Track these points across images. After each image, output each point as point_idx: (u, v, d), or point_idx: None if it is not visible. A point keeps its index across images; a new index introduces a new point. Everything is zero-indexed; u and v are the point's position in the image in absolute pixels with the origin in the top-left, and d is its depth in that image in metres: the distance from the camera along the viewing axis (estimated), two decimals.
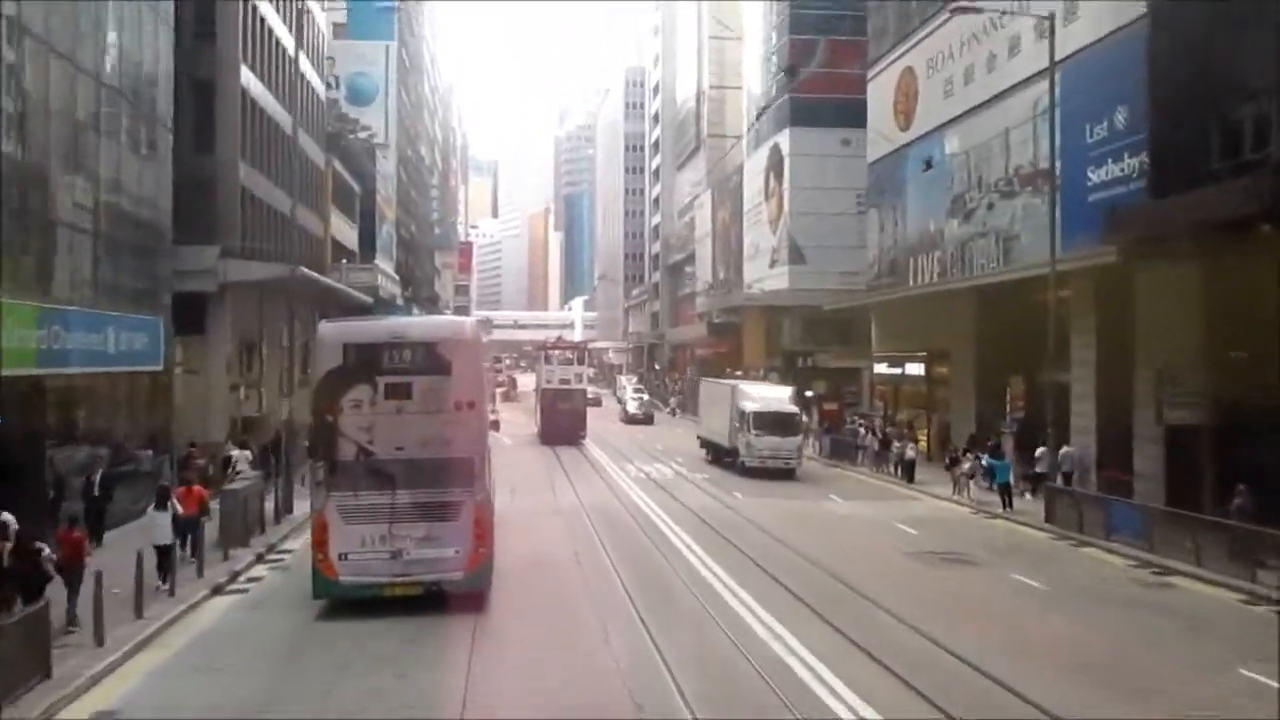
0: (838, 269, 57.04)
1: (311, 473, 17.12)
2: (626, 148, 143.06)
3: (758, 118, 62.55)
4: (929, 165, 37.97)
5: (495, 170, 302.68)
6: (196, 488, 20.32)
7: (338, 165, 49.94)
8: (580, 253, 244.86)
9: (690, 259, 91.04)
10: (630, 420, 60.88)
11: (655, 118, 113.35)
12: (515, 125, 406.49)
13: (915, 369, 41.21)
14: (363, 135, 58.29)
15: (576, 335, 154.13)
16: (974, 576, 19.67)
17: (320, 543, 15.46)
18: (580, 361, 51.87)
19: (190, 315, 30.08)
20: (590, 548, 21.74)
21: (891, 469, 35.47)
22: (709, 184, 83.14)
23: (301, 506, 26.38)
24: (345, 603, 15.61)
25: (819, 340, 56.87)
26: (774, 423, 35.72)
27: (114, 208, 23.23)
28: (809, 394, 48.41)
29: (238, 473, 28.49)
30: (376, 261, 58.17)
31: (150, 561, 16.64)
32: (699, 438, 43.05)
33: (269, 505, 24.50)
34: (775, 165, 60.21)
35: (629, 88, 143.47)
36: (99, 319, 21.48)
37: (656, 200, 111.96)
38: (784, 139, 58.93)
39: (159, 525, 17.92)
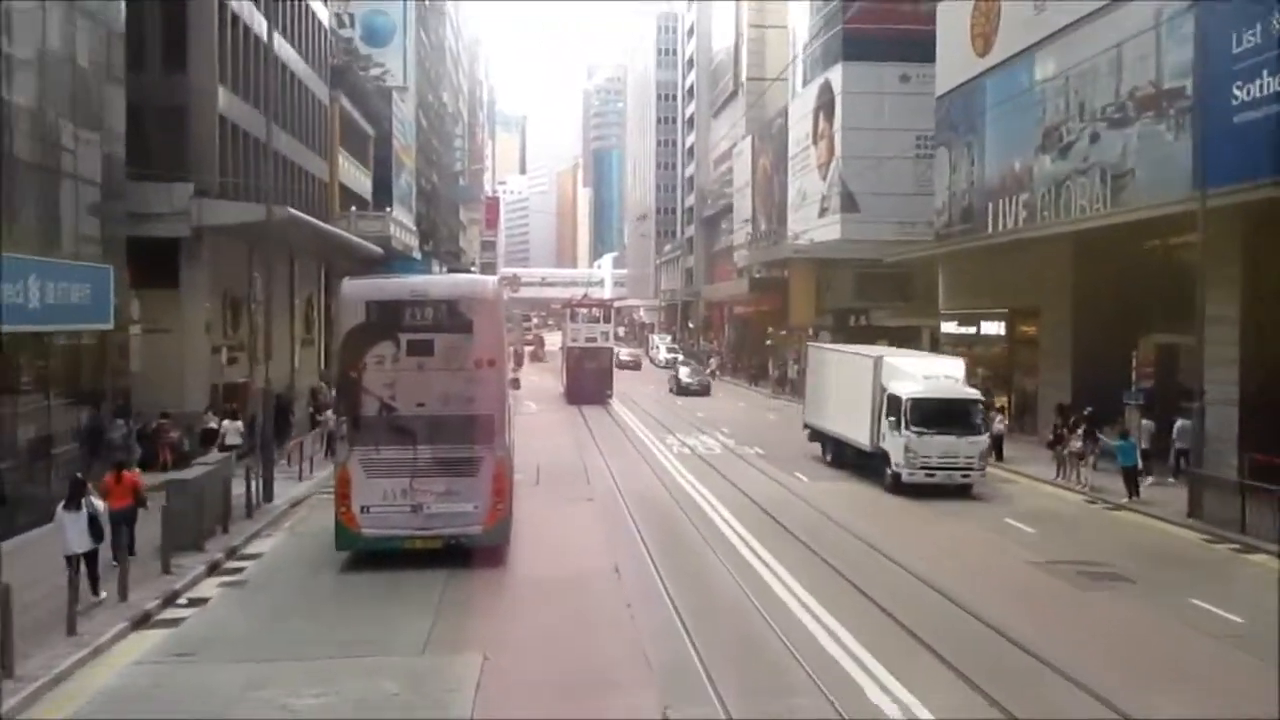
0: (894, 218, 51.98)
1: (335, 427, 17.54)
2: (659, 97, 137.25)
3: (805, 52, 57.20)
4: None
5: (523, 126, 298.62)
6: (128, 473, 16.03)
7: (346, 104, 45.36)
8: (609, 209, 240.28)
9: (727, 211, 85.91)
10: (683, 391, 51.18)
11: (690, 63, 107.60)
12: (543, 80, 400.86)
13: (993, 328, 36.28)
14: (375, 73, 53.55)
15: (606, 293, 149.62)
16: (1139, 604, 14.89)
17: (344, 496, 15.65)
18: (607, 319, 49.84)
19: (159, 265, 25.83)
20: (633, 555, 17.31)
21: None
22: (748, 130, 77.85)
23: (287, 490, 22.31)
24: (367, 555, 15.89)
25: (873, 296, 51.95)
26: (945, 414, 23.48)
27: (42, 126, 18.79)
28: None
29: (230, 447, 24.59)
30: (393, 212, 53.76)
31: (58, 579, 12.45)
32: (807, 426, 30.48)
33: (254, 489, 20.28)
34: (825, 105, 54.91)
35: (661, 34, 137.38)
36: (18, 265, 17.07)
37: (690, 150, 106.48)
38: (835, 75, 53.59)
39: (69, 529, 13.68)
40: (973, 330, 37.93)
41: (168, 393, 25.80)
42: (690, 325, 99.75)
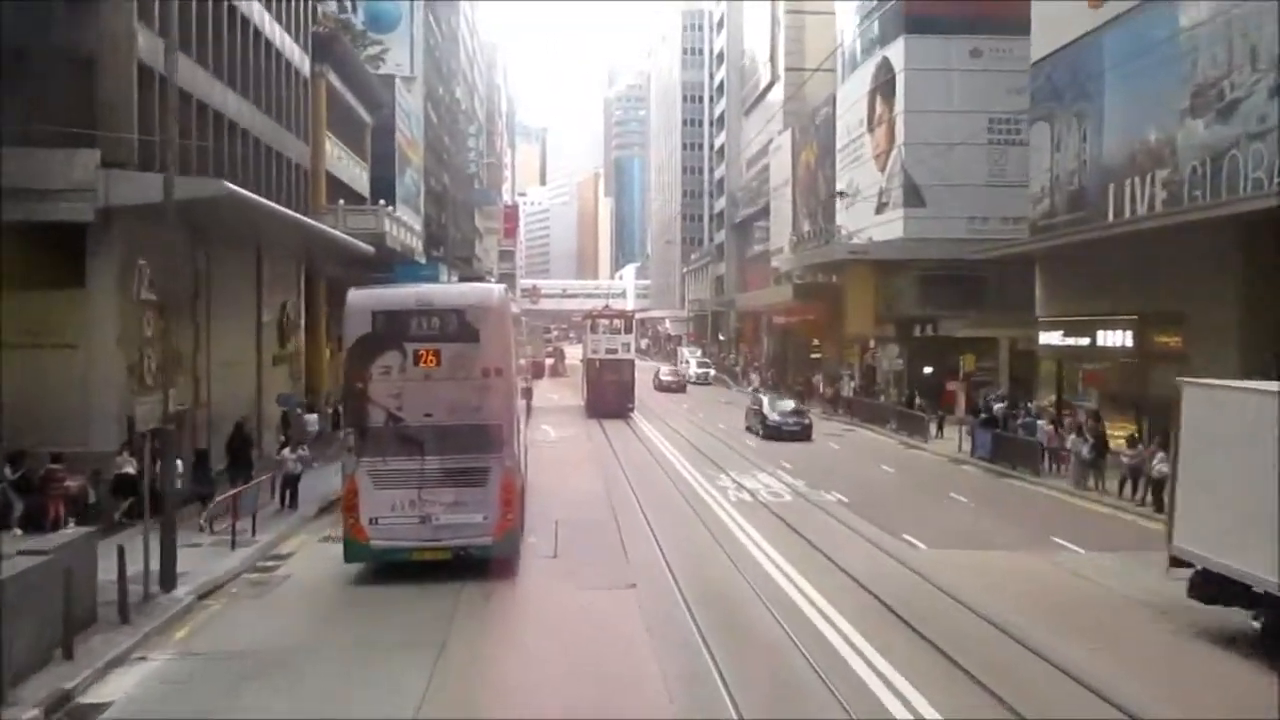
0: (965, 213, 45.41)
1: (343, 439, 17.09)
2: (684, 98, 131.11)
3: (859, 27, 50.73)
4: None
5: (543, 138, 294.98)
6: None
7: (335, 81, 39.11)
8: (631, 219, 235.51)
9: (762, 214, 79.34)
10: (774, 435, 36.47)
11: (719, 58, 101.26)
12: (563, 91, 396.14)
13: (1114, 338, 29.45)
14: (373, 51, 47.46)
15: (629, 304, 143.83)
16: None
17: (351, 507, 15.49)
18: (628, 330, 48.09)
19: (59, 260, 19.59)
20: (710, 703, 10.68)
21: (1120, 488, 23.88)
22: (786, 124, 71.31)
23: (209, 566, 15.94)
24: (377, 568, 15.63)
25: (941, 303, 45.22)
26: None
27: None
28: (963, 374, 36.64)
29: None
30: (396, 211, 47.54)
31: None
32: (1180, 560, 13.91)
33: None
34: (883, 86, 48.31)
35: (687, 32, 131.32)
36: None
37: (720, 151, 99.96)
38: (895, 51, 47.01)
39: None
40: (1084, 341, 31.11)
41: (68, 427, 19.48)
42: (721, 337, 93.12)
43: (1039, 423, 29.51)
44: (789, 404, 39.45)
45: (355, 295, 16.32)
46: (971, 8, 45.56)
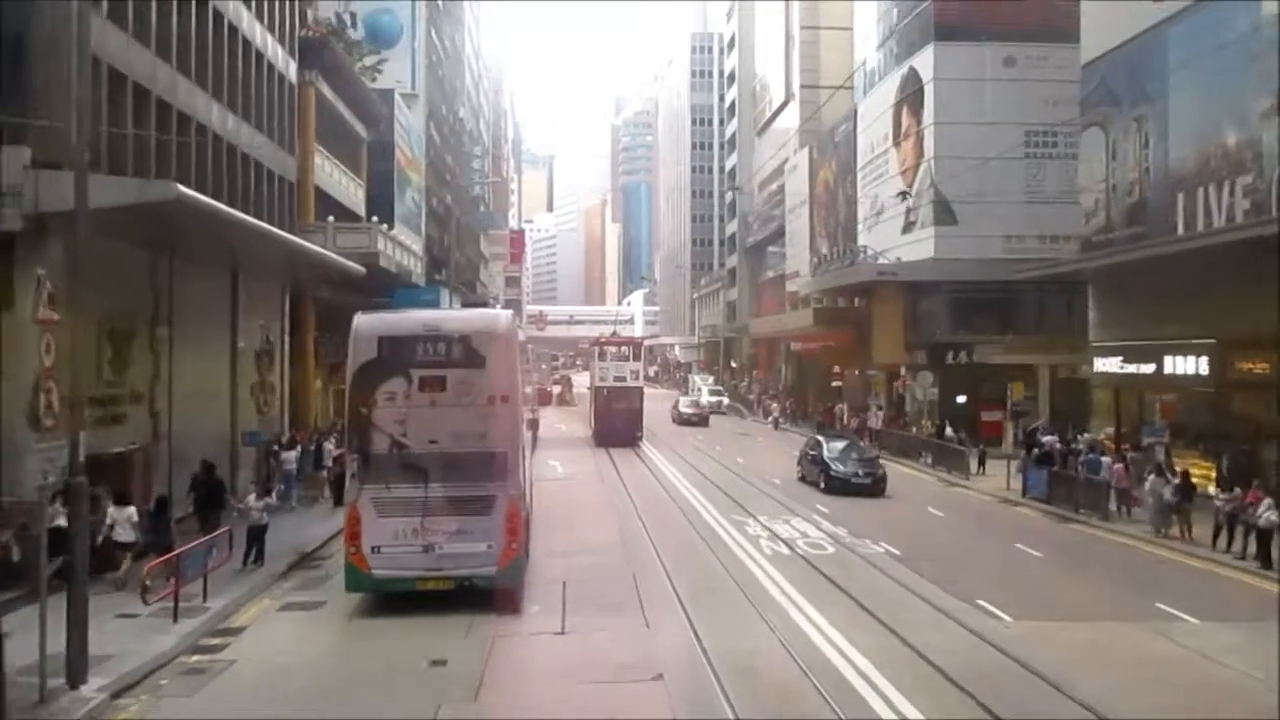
0: (999, 231, 42.55)
1: (346, 465, 17.20)
2: (693, 121, 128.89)
3: (884, 36, 48.07)
4: None
5: (550, 165, 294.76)
6: None
7: (326, 90, 36.43)
8: (639, 245, 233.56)
9: (776, 237, 76.56)
10: (839, 488, 29.39)
11: (730, 78, 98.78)
12: (570, 119, 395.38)
13: (1187, 365, 26.38)
14: (369, 61, 44.91)
15: (637, 331, 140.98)
16: None
17: (353, 536, 15.18)
18: (636, 358, 47.24)
19: None
20: None
21: (1215, 537, 20.73)
22: (802, 143, 68.64)
23: (141, 644, 12.91)
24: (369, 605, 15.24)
25: (975, 327, 42.25)
26: None
27: None
28: (1010, 405, 33.58)
29: (121, 546, 16.87)
30: (395, 231, 44.78)
31: None
32: None
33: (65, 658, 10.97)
34: (911, 97, 45.53)
35: (695, 54, 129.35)
36: None
37: (732, 173, 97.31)
38: (924, 60, 44.25)
39: None
40: (1147, 369, 28.07)
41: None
42: (733, 364, 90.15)
43: (1103, 459, 26.36)
44: (852, 447, 32.28)
45: (361, 320, 16.09)
46: (1005, 14, 42.92)
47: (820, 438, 32.91)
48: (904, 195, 44.73)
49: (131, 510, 17.77)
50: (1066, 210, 40.96)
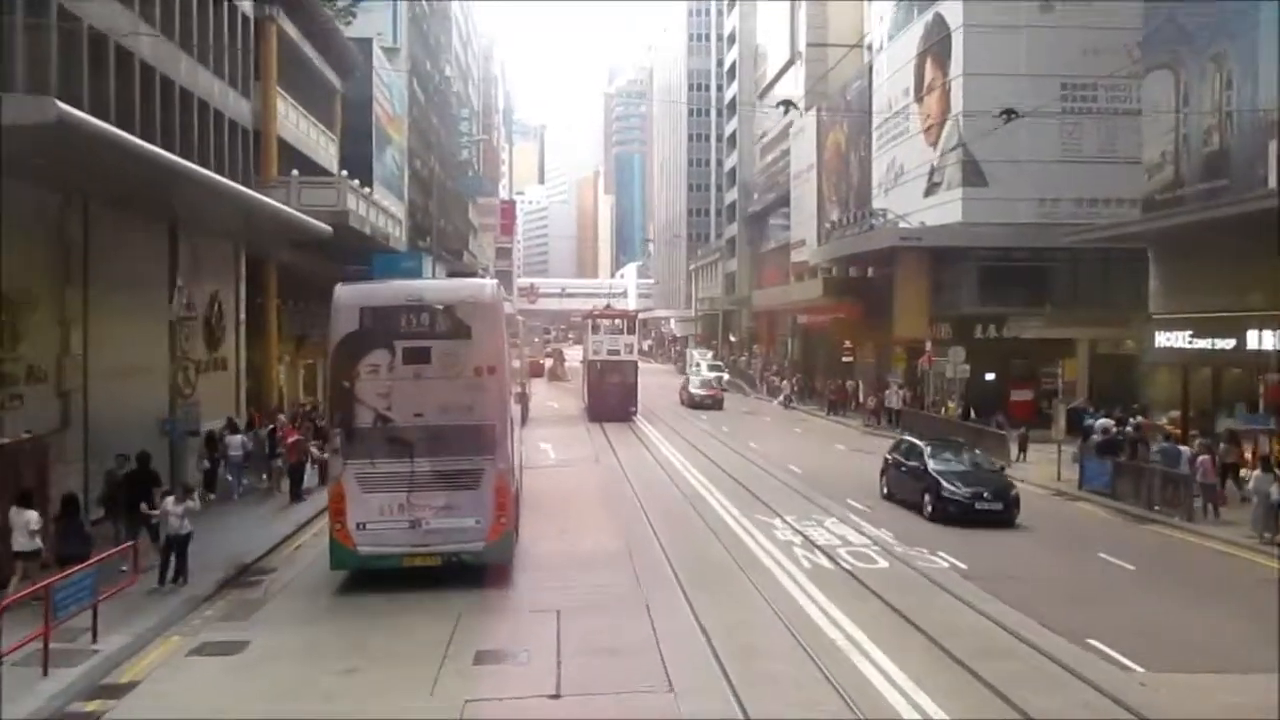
0: (1033, 193, 38.98)
1: (330, 440, 16.20)
2: (690, 87, 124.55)
3: None
4: None
5: (542, 136, 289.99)
6: None
7: (290, 29, 32.50)
8: (632, 218, 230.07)
9: (779, 205, 72.81)
10: (961, 515, 21.11)
11: (730, 38, 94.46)
12: (562, 89, 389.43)
13: (1273, 340, 22.85)
14: (343, 2, 40.96)
15: (630, 304, 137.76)
16: None
17: (338, 512, 14.81)
18: (630, 331, 46.23)
19: None
20: None
21: None
22: (809, 104, 64.69)
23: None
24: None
25: (1004, 299, 38.73)
26: None
27: None
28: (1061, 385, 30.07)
29: (21, 556, 13.64)
30: (373, 193, 40.96)
31: None
32: None
33: None
34: (936, 48, 41.69)
35: (693, 17, 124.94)
36: None
37: (732, 139, 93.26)
38: (952, 7, 40.39)
39: None
40: (1225, 344, 24.52)
41: None
42: (732, 338, 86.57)
43: (1181, 450, 22.84)
44: (965, 456, 23.30)
45: (343, 290, 15.50)
46: None
47: (917, 441, 24.22)
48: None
49: (32, 515, 14.22)
50: (1107, 170, 37.49)
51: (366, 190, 37.48)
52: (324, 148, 37.35)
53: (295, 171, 31.02)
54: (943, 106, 40.98)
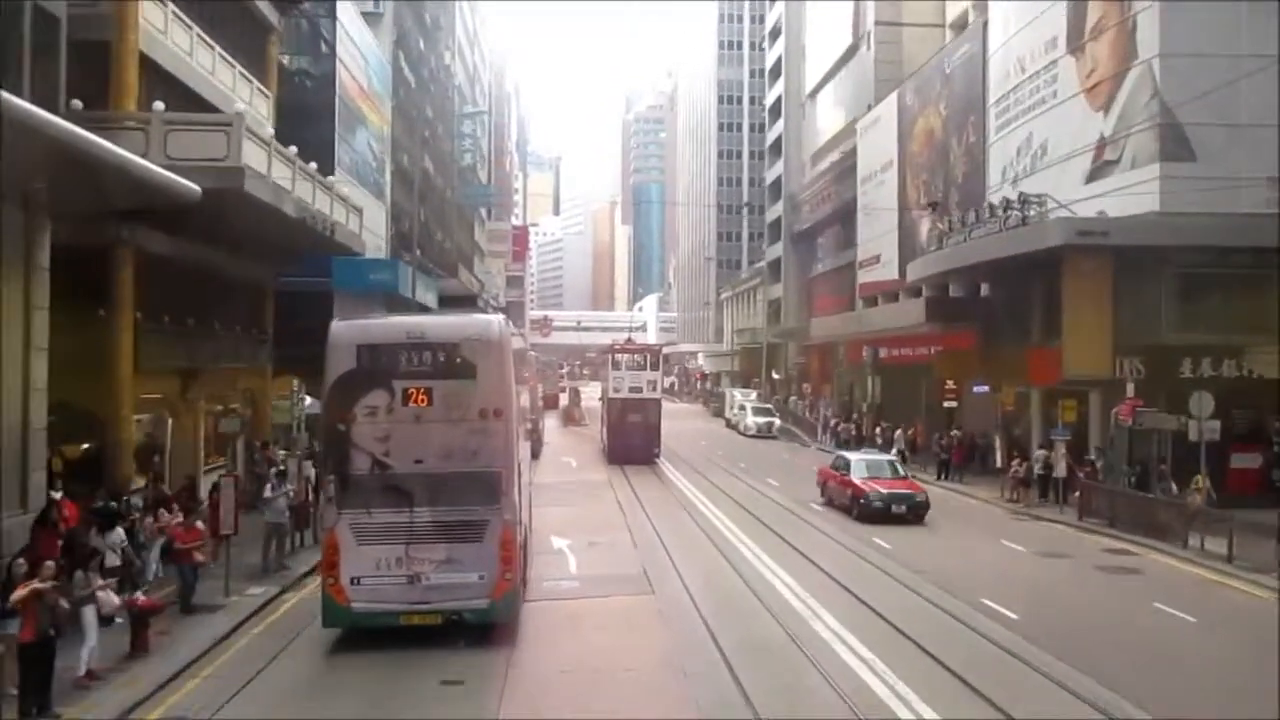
0: (1260, 170, 27.21)
1: (323, 488, 15.61)
2: (720, 99, 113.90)
3: None
4: None
5: (557, 167, 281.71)
6: None
7: None
8: (650, 249, 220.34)
9: (836, 219, 61.24)
10: None
11: (774, 33, 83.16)
12: (578, 121, 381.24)
13: None
14: None
15: (651, 338, 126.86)
16: None
17: (331, 565, 13.84)
18: (654, 367, 42.74)
19: None
20: None
21: None
22: (878, 95, 53.35)
23: None
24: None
25: (1213, 323, 26.95)
26: None
27: None
28: None
29: None
30: (333, 179, 29.54)
31: None
32: None
33: None
34: None
35: (724, 23, 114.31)
36: None
37: (775, 146, 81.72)
38: None
39: None
40: None
41: None
42: (775, 375, 74.58)
43: None
44: None
45: (338, 327, 14.46)
46: None
47: None
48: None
49: None
50: None
51: (336, 179, 25.87)
52: (244, 97, 25.68)
53: (159, 103, 19.36)
54: (1121, 52, 29.27)
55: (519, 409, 16.22)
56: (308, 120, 32.83)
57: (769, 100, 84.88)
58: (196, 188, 16.33)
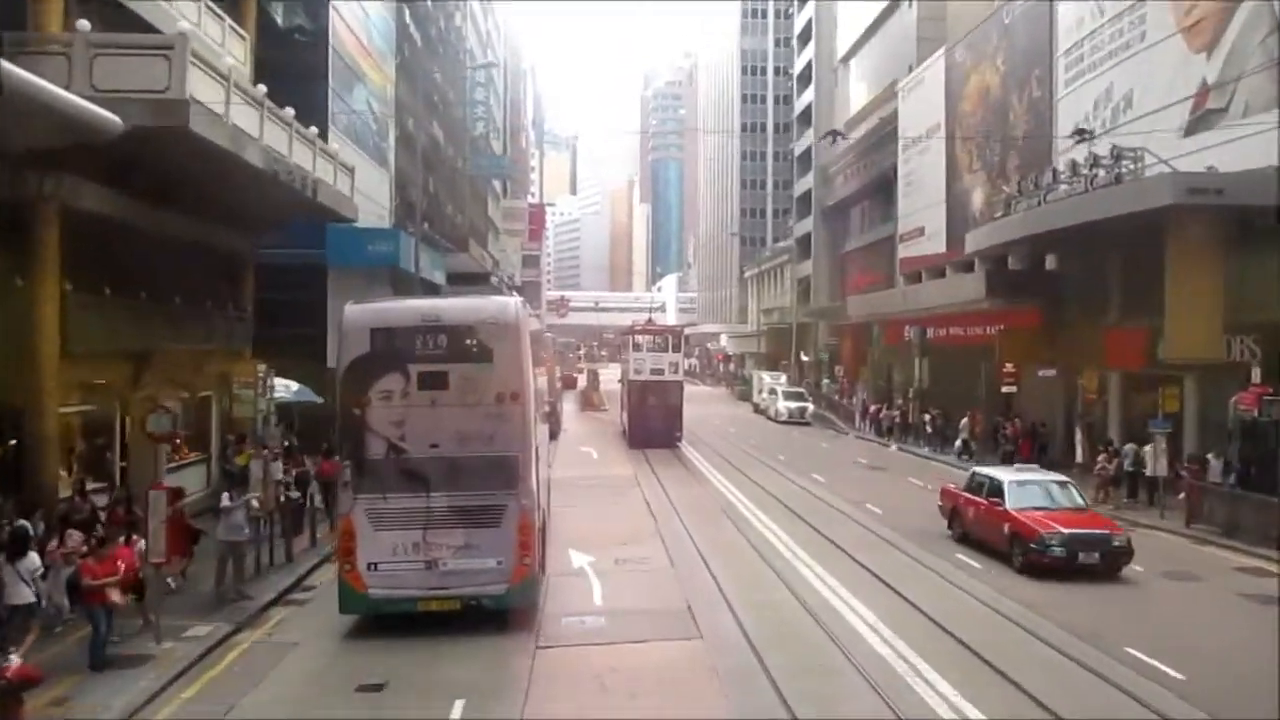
0: None
1: (339, 473, 14.91)
2: (744, 70, 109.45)
3: None
4: None
5: (574, 147, 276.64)
6: None
7: None
8: (668, 229, 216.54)
9: (873, 190, 57.24)
10: None
11: None
12: (595, 100, 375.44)
13: None
14: None
15: (670, 318, 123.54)
16: None
17: (347, 551, 13.63)
18: (676, 348, 41.40)
19: None
20: None
21: None
22: (920, 53, 49.28)
23: None
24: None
25: None
26: None
27: None
28: None
29: None
30: (329, 140, 25.96)
31: None
32: None
33: None
34: None
35: None
36: None
37: (805, 116, 77.46)
38: None
39: None
40: None
41: None
42: (805, 357, 70.71)
43: None
44: None
45: (353, 310, 14.28)
46: None
47: None
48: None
49: None
50: None
51: (289, 112, 22.15)
52: (214, 38, 22.01)
53: (84, 22, 15.68)
54: None
55: (536, 392, 15.77)
56: (301, 81, 29.15)
57: (797, 67, 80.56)
58: (115, 118, 12.77)
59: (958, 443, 31.56)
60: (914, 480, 30.37)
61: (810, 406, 53.97)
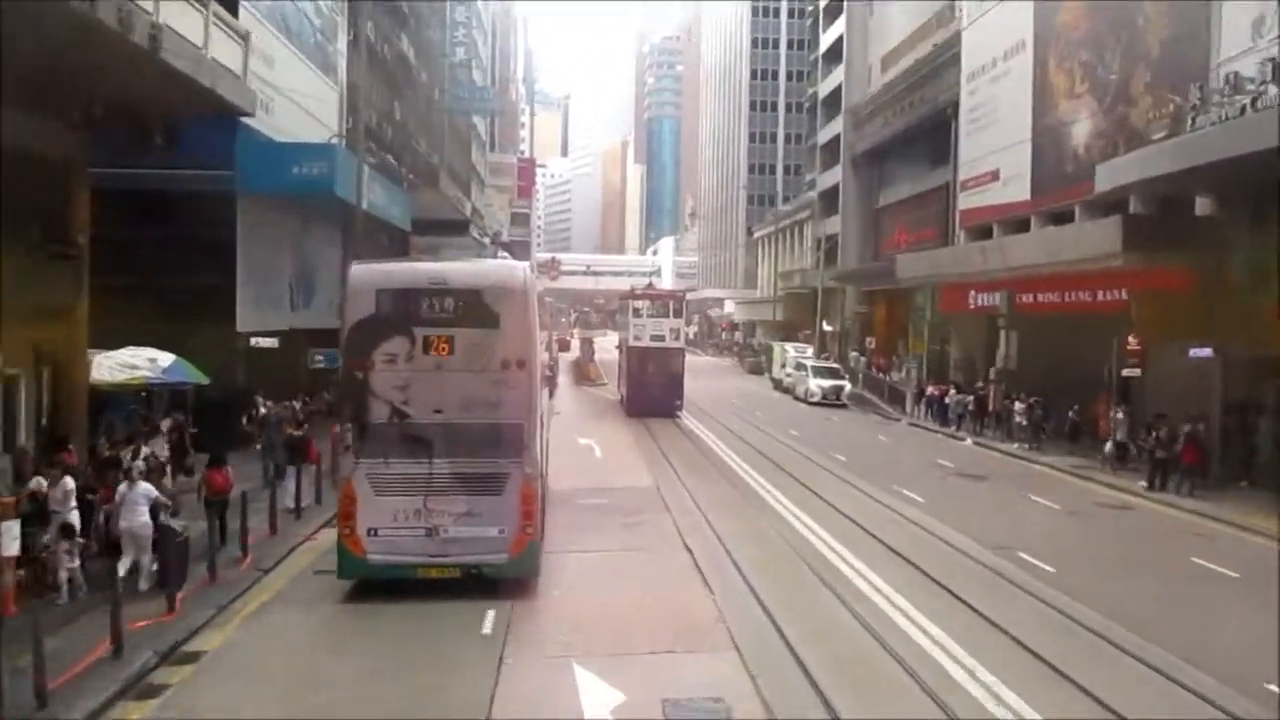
0: None
1: (341, 436, 15.23)
2: (755, 12, 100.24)
3: None
4: None
5: (565, 107, 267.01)
6: None
7: None
8: (663, 190, 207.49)
9: (919, 135, 48.64)
10: None
11: None
12: (587, 60, 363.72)
13: None
14: None
15: (666, 283, 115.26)
16: None
17: (347, 515, 13.40)
18: (676, 314, 39.88)
19: None
20: None
21: None
22: None
23: None
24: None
25: None
26: None
27: None
28: None
29: None
30: (239, 17, 17.35)
31: None
32: None
33: None
34: None
35: None
36: None
37: (833, 52, 68.35)
38: None
39: None
40: None
41: None
42: (828, 327, 62.27)
43: None
44: None
45: (358, 270, 14.27)
46: None
47: None
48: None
49: None
50: None
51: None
52: None
53: None
54: None
55: (541, 360, 15.39)
56: None
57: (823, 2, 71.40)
58: None
59: (1108, 445, 23.43)
60: (1038, 499, 22.17)
61: (847, 385, 45.82)
